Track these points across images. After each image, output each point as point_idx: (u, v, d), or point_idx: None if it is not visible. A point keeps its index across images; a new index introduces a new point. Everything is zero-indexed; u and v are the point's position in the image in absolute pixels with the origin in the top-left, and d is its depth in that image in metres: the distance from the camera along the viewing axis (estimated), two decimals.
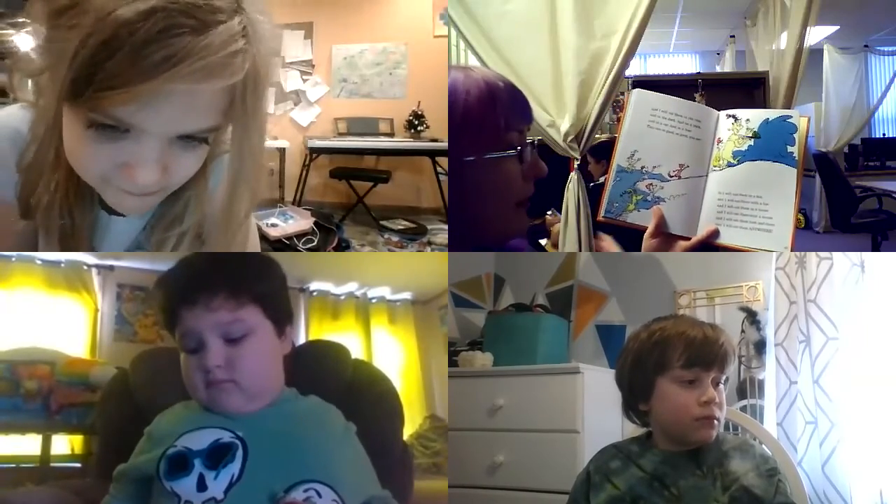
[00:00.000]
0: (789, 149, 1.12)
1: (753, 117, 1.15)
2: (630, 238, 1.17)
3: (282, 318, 1.00)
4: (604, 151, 2.65)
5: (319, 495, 0.89)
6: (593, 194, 2.54)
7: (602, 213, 1.16)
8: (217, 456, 0.90)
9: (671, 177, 1.14)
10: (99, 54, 0.70)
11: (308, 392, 1.04)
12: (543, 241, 3.00)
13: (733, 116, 1.17)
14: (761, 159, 1.12)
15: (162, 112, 0.75)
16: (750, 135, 1.14)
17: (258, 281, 0.98)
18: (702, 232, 1.13)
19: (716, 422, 1.11)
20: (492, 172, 1.02)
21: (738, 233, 1.11)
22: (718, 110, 1.19)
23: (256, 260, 1.04)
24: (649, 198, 1.14)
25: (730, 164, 1.14)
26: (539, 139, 1.14)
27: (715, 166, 1.15)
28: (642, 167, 1.15)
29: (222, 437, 0.92)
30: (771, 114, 1.16)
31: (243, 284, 0.96)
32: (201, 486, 0.88)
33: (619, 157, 1.16)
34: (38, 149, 0.86)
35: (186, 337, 0.94)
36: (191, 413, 0.97)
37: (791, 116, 1.14)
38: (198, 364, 0.93)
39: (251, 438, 0.92)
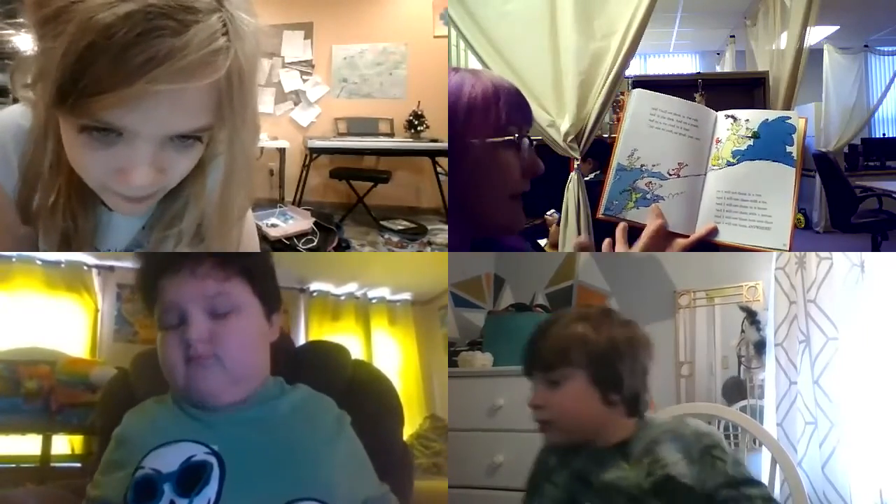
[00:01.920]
0: (788, 149, 1.13)
1: (753, 118, 1.16)
2: (629, 236, 1.18)
3: (270, 299, 0.96)
4: (591, 149, 2.65)
5: None
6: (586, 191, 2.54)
7: (601, 210, 1.17)
8: (189, 480, 0.80)
9: (670, 175, 1.15)
10: (82, 60, 0.71)
11: None
12: (542, 242, 3.00)
13: (732, 117, 1.18)
14: (760, 159, 1.13)
15: (150, 114, 0.75)
16: (749, 135, 1.15)
17: (245, 255, 0.95)
18: (700, 229, 1.13)
19: (551, 425, 1.08)
20: (490, 159, 1.05)
21: (737, 230, 1.12)
22: (718, 110, 1.20)
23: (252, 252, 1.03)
24: (648, 196, 1.15)
25: (729, 164, 1.14)
26: (538, 139, 1.15)
27: (714, 165, 1.15)
28: (642, 165, 1.16)
29: (195, 453, 0.82)
30: (770, 114, 1.17)
31: (230, 256, 0.92)
32: None
33: (619, 156, 1.17)
34: (34, 153, 0.87)
35: (168, 311, 0.89)
36: (162, 414, 0.90)
37: (790, 117, 1.15)
38: (179, 339, 0.87)
39: (228, 452, 0.83)
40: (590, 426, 1.07)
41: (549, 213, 3.04)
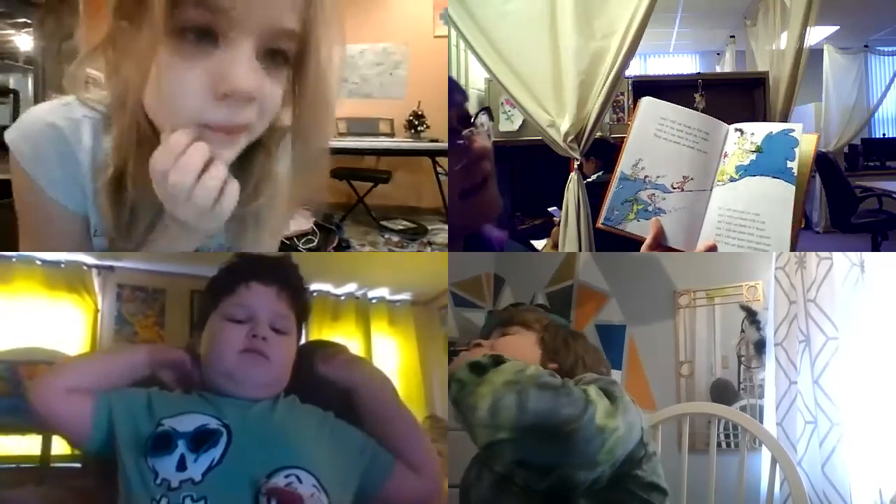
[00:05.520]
0: (789, 164, 1.08)
1: (758, 131, 1.13)
2: (628, 247, 1.16)
3: (299, 339, 1.11)
4: (595, 149, 2.66)
5: (300, 480, 0.91)
6: (587, 192, 2.55)
7: (602, 220, 1.14)
8: (200, 440, 0.92)
9: (674, 189, 1.12)
10: None
11: (308, 392, 1.06)
12: (542, 242, 3.00)
13: (740, 130, 1.14)
14: (761, 175, 1.09)
15: None
16: (753, 149, 1.11)
17: (309, 306, 1.13)
18: (699, 247, 1.10)
19: None
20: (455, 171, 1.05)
21: (735, 252, 1.09)
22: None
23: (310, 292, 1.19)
24: (650, 208, 1.12)
25: (732, 179, 1.11)
26: (538, 139, 1.13)
27: (719, 181, 1.12)
28: (646, 176, 1.13)
29: (209, 422, 0.95)
30: (774, 127, 1.13)
31: (303, 300, 1.10)
32: (181, 466, 0.90)
33: (623, 165, 1.13)
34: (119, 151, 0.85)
35: (239, 307, 1.02)
36: (184, 398, 1.01)
37: (793, 130, 1.11)
38: (242, 331, 1.00)
39: (236, 426, 0.95)
40: None
41: (552, 209, 3.04)
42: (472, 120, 1.06)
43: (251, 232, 0.94)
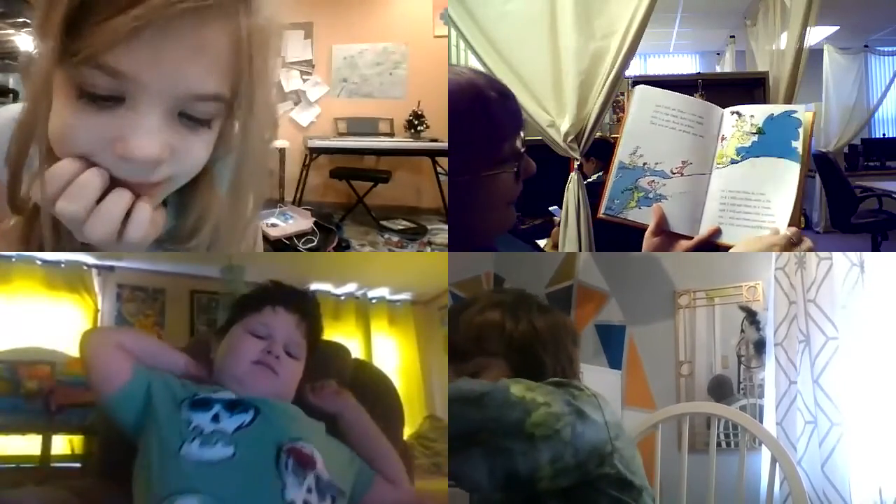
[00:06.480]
0: (793, 144, 1.09)
1: (758, 113, 1.13)
2: (631, 236, 1.16)
3: (303, 368, 1.18)
4: (595, 149, 2.66)
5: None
6: (588, 192, 2.55)
7: (602, 210, 1.14)
8: (234, 406, 1.04)
9: (673, 174, 1.12)
10: None
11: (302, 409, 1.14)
12: (543, 242, 3.00)
13: (737, 113, 1.14)
14: (765, 155, 1.10)
15: (161, 60, 0.67)
16: (754, 131, 1.12)
17: (320, 339, 1.22)
18: (704, 231, 1.11)
19: None
20: (488, 185, 1.03)
21: (741, 231, 1.09)
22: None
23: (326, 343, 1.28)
24: (651, 195, 1.12)
25: (733, 161, 1.11)
26: (538, 139, 1.13)
27: (718, 164, 1.12)
28: (644, 164, 1.13)
29: (241, 398, 1.07)
30: (775, 109, 1.13)
31: (317, 333, 1.20)
32: (215, 419, 1.01)
33: (620, 154, 1.14)
34: (23, 140, 0.75)
35: (262, 325, 1.12)
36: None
37: (796, 111, 1.11)
38: (260, 346, 1.10)
39: (260, 407, 1.06)
40: None
41: (552, 208, 3.03)
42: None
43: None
